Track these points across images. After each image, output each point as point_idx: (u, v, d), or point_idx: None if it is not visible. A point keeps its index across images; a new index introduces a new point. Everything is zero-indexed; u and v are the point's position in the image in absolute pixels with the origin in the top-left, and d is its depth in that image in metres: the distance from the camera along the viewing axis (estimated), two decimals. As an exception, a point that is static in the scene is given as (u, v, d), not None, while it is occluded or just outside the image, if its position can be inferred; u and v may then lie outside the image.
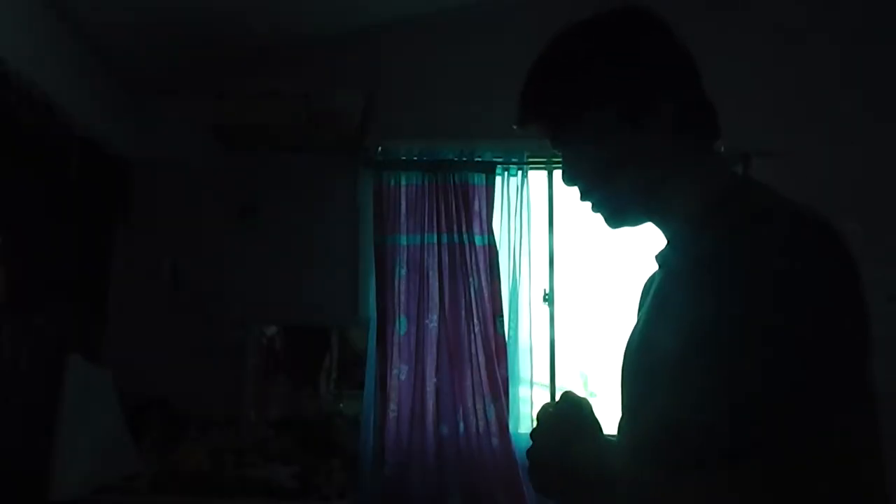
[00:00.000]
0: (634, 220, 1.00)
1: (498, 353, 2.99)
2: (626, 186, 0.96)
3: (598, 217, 1.01)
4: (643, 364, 0.94)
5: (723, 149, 1.02)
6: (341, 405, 3.12)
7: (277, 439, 2.89)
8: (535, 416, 0.89)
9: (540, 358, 3.12)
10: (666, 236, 1.00)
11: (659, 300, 0.97)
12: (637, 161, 0.95)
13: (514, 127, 1.01)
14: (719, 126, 0.98)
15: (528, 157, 3.13)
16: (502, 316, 3.02)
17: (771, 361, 0.74)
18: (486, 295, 3.01)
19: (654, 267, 1.03)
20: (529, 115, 0.99)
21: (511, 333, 3.05)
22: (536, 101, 0.98)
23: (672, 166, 0.95)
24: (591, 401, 0.93)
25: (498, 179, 3.13)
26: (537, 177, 3.25)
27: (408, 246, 3.07)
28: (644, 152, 0.94)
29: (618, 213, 0.99)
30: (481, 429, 2.94)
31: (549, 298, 3.19)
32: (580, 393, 0.92)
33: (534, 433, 0.92)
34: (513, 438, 2.94)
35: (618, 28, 0.97)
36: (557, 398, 0.93)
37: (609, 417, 0.96)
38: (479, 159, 3.12)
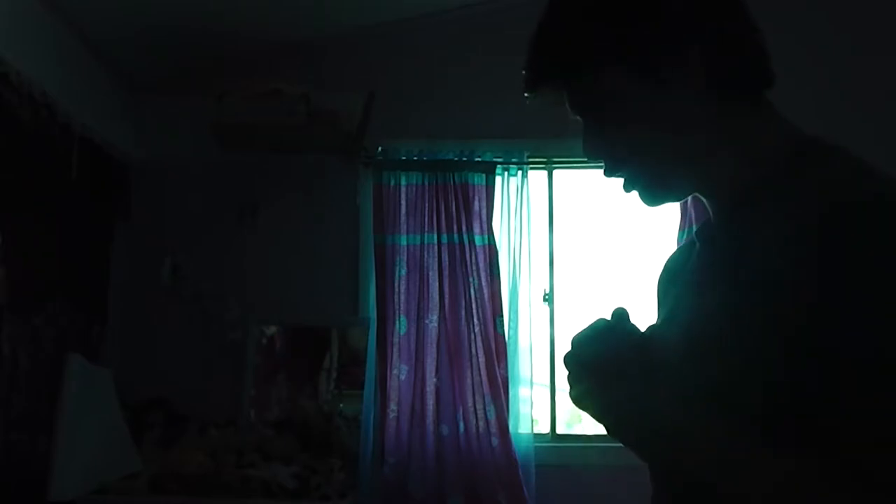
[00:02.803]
0: (674, 195, 0.88)
1: (498, 353, 2.99)
2: (659, 156, 0.84)
3: (633, 196, 0.88)
4: (714, 342, 0.79)
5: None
6: (341, 405, 3.12)
7: (277, 439, 2.89)
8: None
9: (540, 358, 3.12)
10: (712, 210, 0.88)
11: (708, 278, 0.83)
12: (667, 124, 0.82)
13: (526, 95, 0.87)
14: (771, 72, 0.84)
15: (528, 157, 3.12)
16: (502, 316, 3.02)
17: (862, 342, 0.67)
18: (486, 295, 3.01)
19: (669, 250, 0.91)
20: (538, 76, 0.86)
21: (511, 333, 3.05)
22: (545, 63, 0.85)
23: (715, 128, 0.82)
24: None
25: (498, 179, 3.12)
26: (537, 177, 3.24)
27: (408, 246, 3.07)
28: (675, 113, 0.82)
29: (653, 187, 0.86)
30: (481, 429, 2.94)
31: (549, 298, 3.19)
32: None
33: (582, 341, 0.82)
34: (513, 438, 2.94)
35: None
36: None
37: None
38: (479, 159, 3.11)
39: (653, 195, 0.87)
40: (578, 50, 0.83)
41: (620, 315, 0.83)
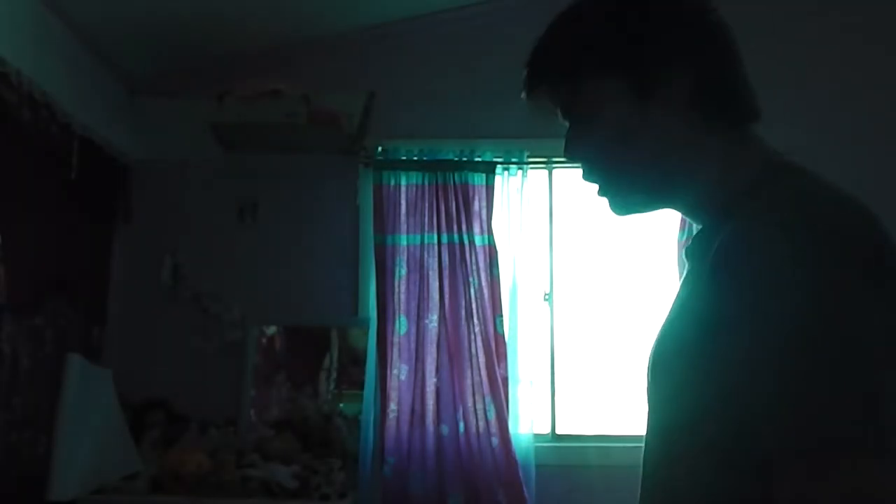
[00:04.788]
0: (642, 206, 0.91)
1: (498, 352, 2.99)
2: (633, 166, 0.87)
3: (603, 203, 0.92)
4: (659, 358, 0.88)
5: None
6: (341, 405, 3.12)
7: (277, 439, 2.89)
8: None
9: (540, 358, 3.12)
10: (694, 228, 0.92)
11: (682, 295, 0.88)
12: (647, 139, 0.86)
13: (522, 96, 0.92)
14: (757, 108, 0.88)
15: (528, 157, 3.12)
16: (502, 316, 3.02)
17: (785, 363, 0.68)
18: (486, 295, 3.01)
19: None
20: (535, 81, 0.90)
21: (511, 333, 3.04)
22: (541, 66, 0.90)
23: (693, 151, 0.86)
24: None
25: (498, 179, 3.12)
26: (537, 177, 3.25)
27: (408, 246, 3.07)
28: (656, 130, 0.85)
29: (623, 195, 0.90)
30: (481, 429, 2.94)
31: (549, 298, 3.19)
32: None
33: None
34: (513, 438, 2.94)
35: None
36: None
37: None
38: (479, 159, 3.11)
39: (622, 205, 0.91)
40: (579, 55, 0.87)
41: None
